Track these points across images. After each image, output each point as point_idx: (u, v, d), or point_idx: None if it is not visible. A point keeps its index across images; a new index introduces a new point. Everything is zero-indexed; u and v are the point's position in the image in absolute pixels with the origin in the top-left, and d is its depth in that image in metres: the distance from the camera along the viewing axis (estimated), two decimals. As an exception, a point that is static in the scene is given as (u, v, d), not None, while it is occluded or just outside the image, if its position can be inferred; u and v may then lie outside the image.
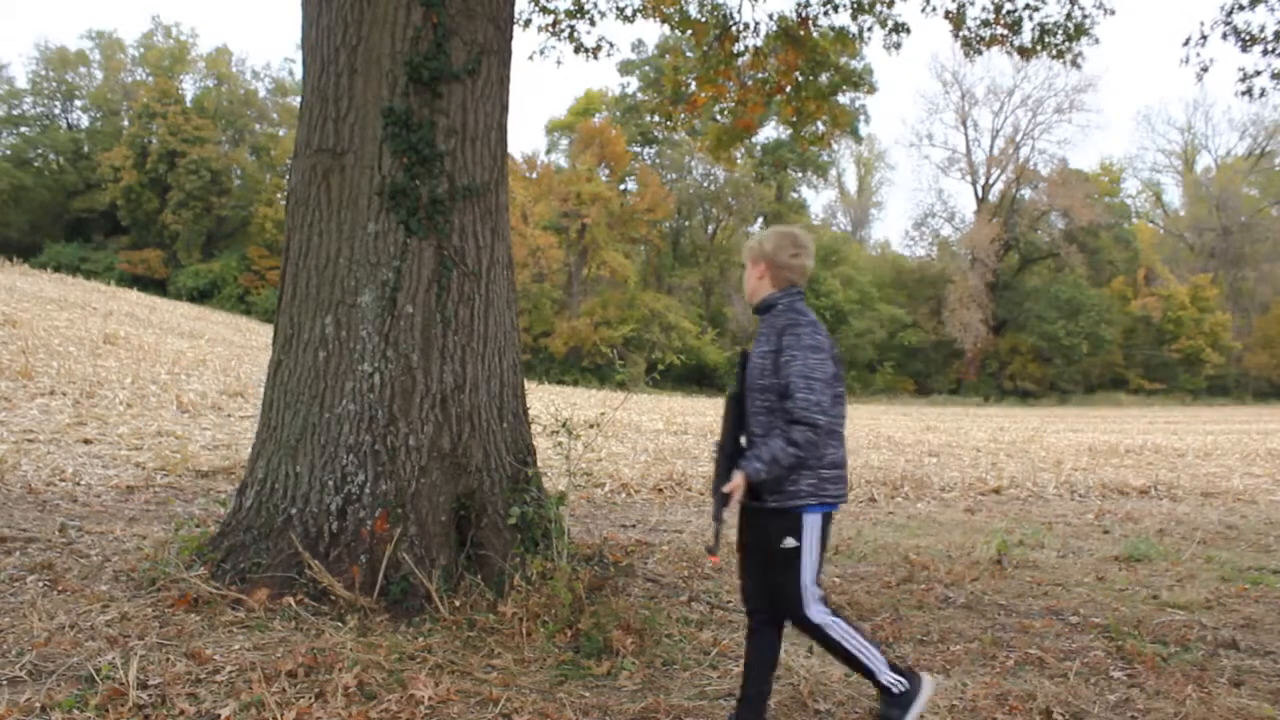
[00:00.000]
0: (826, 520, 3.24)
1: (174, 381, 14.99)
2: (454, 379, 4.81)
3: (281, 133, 51.34)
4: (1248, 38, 8.06)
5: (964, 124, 56.45)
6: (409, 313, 4.73)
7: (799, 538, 3.13)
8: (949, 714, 3.56)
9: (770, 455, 3.01)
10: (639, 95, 49.83)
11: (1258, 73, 8.28)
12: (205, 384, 15.43)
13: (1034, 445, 17.83)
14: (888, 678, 3.20)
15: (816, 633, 3.23)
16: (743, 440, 3.23)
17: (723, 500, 3.07)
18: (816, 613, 3.21)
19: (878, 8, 9.05)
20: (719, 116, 10.89)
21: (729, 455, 3.18)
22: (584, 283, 48.55)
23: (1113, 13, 8.52)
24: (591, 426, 5.38)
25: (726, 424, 3.24)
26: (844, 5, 9.04)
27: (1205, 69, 8.38)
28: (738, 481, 3.03)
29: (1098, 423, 28.49)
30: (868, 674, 3.21)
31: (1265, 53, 8.07)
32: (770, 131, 47.10)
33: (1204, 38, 8.25)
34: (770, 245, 3.30)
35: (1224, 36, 8.16)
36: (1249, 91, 8.42)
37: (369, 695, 3.45)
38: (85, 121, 52.28)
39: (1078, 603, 5.46)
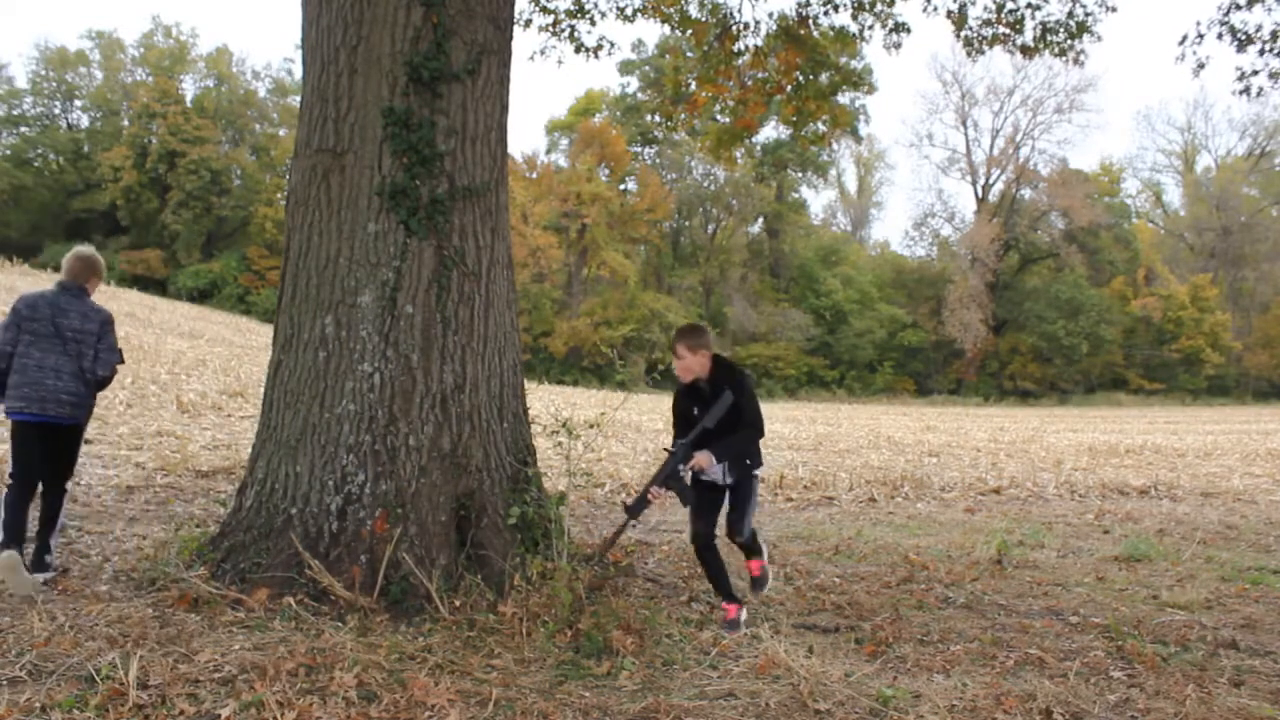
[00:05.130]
0: (16, 428, 4.84)
1: (174, 381, 15.00)
2: (454, 379, 4.81)
3: (281, 133, 51.37)
4: (1244, 37, 8.07)
5: (964, 124, 56.45)
6: (409, 313, 4.73)
7: None
8: (949, 714, 3.55)
9: None
10: (639, 95, 49.86)
11: (1255, 72, 8.29)
12: (205, 384, 15.43)
13: (1034, 445, 17.83)
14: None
15: None
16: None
17: None
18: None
19: (878, 7, 9.05)
20: (719, 116, 10.89)
21: None
22: (584, 283, 48.56)
23: (1114, 9, 8.52)
24: (591, 426, 5.38)
25: None
26: (844, 5, 9.04)
27: (1202, 65, 8.39)
28: None
29: (1098, 423, 28.49)
30: None
31: (1262, 52, 8.07)
32: (770, 131, 47.14)
33: (1200, 37, 8.26)
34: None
35: (1220, 36, 8.17)
36: (1246, 90, 8.44)
37: (369, 695, 3.45)
38: (85, 121, 52.34)
39: (1078, 603, 5.46)
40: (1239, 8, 8.04)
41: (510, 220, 5.53)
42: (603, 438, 11.31)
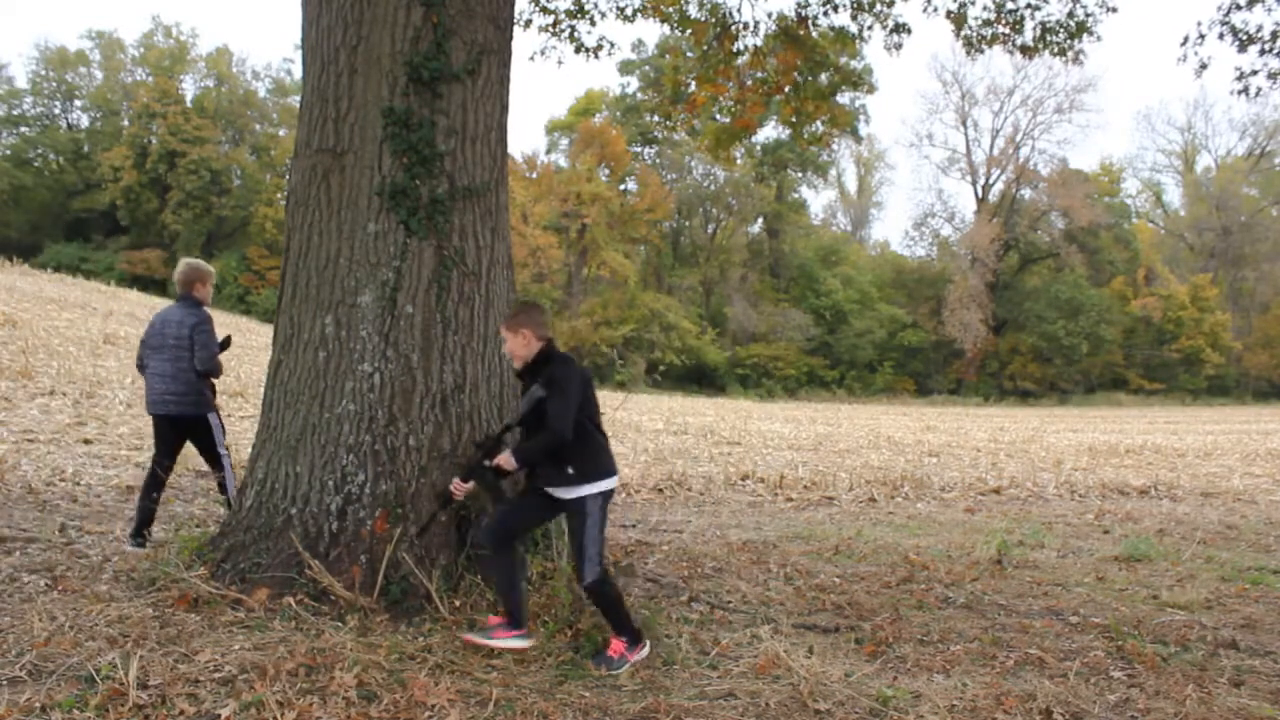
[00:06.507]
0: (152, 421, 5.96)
1: (174, 381, 14.97)
2: (454, 379, 4.81)
3: (281, 133, 51.36)
4: (1245, 37, 8.06)
5: (964, 124, 56.42)
6: (409, 313, 4.73)
7: None
8: (949, 714, 3.55)
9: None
10: (639, 95, 49.84)
11: (1254, 72, 8.28)
12: (205, 384, 15.38)
13: (1034, 445, 17.83)
14: None
15: None
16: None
17: None
18: None
19: (877, 8, 9.04)
20: (718, 116, 10.88)
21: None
22: (584, 283, 48.56)
23: (1115, 10, 8.52)
24: (592, 426, 5.37)
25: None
26: (844, 5, 9.04)
27: (1204, 66, 8.38)
28: None
29: (1098, 423, 28.49)
30: None
31: (1262, 52, 8.07)
32: (770, 131, 47.05)
33: (1201, 37, 8.25)
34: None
35: (1221, 36, 8.17)
36: (1245, 90, 8.42)
37: (369, 695, 3.45)
38: (85, 121, 52.29)
39: (1078, 603, 5.46)
40: (1239, 8, 8.03)
41: (510, 220, 5.53)
42: (603, 438, 11.28)
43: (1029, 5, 8.56)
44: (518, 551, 4.09)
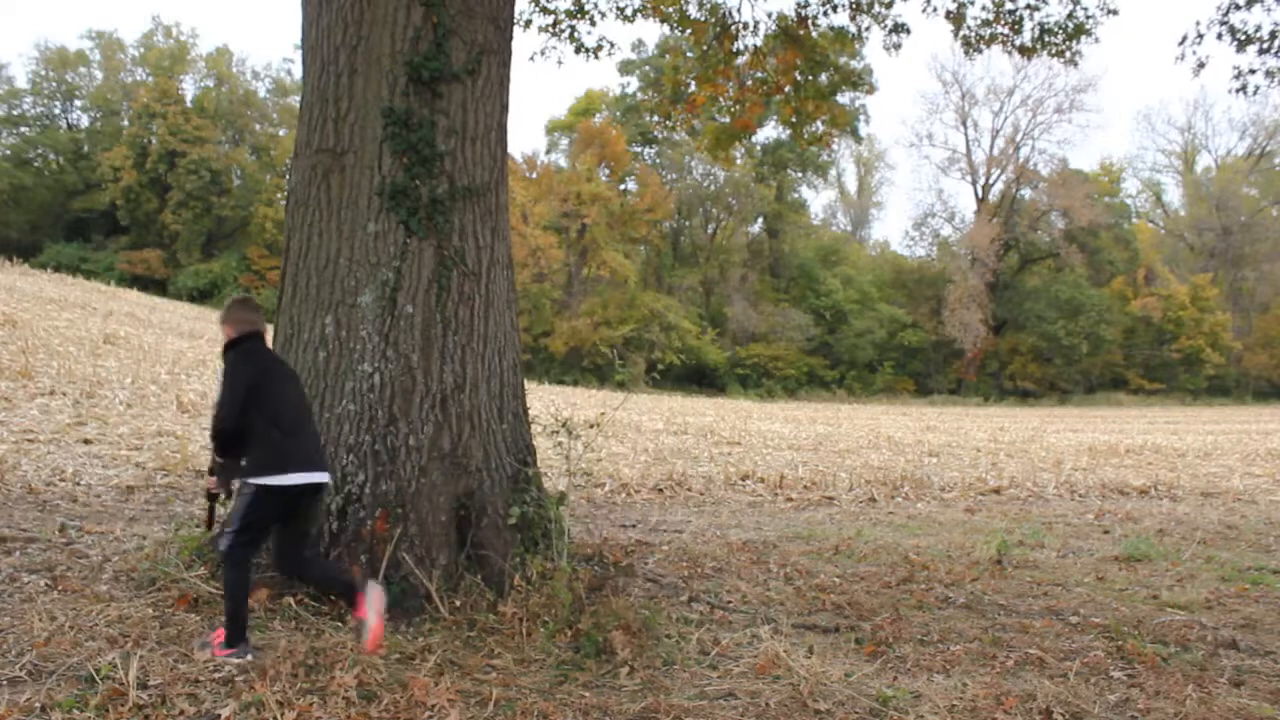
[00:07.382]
0: None
1: (174, 381, 14.98)
2: (454, 379, 4.81)
3: (281, 133, 51.32)
4: (1243, 37, 8.07)
5: (964, 124, 56.34)
6: (409, 313, 4.73)
7: None
8: (949, 714, 3.55)
9: None
10: (639, 95, 49.77)
11: (1252, 71, 8.29)
12: (205, 384, 15.41)
13: (1034, 445, 17.83)
14: None
15: None
16: None
17: None
18: None
19: (876, 8, 9.04)
20: (718, 116, 10.88)
21: None
22: (584, 283, 48.52)
23: (1115, 12, 8.52)
24: (591, 426, 5.39)
25: None
26: (843, 5, 9.04)
27: (1202, 65, 8.38)
28: None
29: (1098, 423, 28.48)
30: None
31: (1261, 51, 8.07)
32: (770, 131, 46.99)
33: (1200, 36, 8.26)
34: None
35: (1219, 36, 8.17)
36: (1244, 89, 8.43)
37: (369, 695, 3.45)
38: (85, 121, 52.27)
39: (1078, 603, 5.46)
40: (1238, 8, 8.03)
41: (510, 220, 5.53)
42: (603, 438, 11.30)
43: (1028, 6, 8.56)
44: (248, 570, 3.92)
